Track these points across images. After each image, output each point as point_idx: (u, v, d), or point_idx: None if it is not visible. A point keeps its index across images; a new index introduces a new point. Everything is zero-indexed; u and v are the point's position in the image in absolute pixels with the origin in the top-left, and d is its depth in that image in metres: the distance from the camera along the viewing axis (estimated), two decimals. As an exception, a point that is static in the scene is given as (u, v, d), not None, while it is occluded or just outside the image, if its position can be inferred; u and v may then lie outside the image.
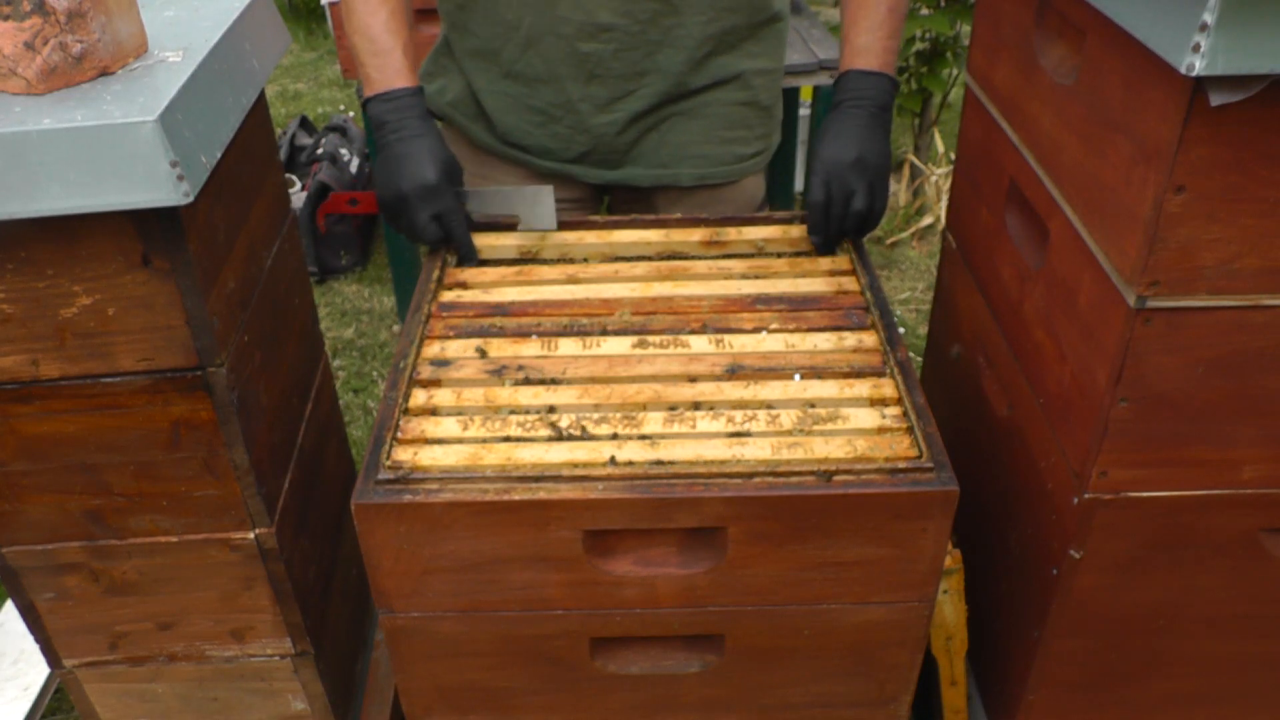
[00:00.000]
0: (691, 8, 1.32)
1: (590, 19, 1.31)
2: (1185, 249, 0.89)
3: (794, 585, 1.04)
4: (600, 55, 1.34)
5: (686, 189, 1.47)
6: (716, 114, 1.43)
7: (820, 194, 1.26)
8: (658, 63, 1.36)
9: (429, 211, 1.25)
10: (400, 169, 1.24)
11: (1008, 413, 1.25)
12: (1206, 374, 0.96)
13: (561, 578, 1.03)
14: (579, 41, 1.33)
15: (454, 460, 1.00)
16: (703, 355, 1.14)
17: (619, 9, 1.30)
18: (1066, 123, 1.04)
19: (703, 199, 1.48)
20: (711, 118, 1.43)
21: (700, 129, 1.43)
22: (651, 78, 1.37)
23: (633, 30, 1.32)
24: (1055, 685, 1.22)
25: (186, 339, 1.02)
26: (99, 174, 0.89)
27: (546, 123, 1.41)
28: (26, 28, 0.92)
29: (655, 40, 1.34)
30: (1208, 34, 0.77)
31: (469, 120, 1.47)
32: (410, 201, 1.25)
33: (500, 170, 1.49)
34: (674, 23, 1.33)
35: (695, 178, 1.46)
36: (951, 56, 3.38)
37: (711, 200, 1.49)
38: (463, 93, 1.46)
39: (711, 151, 1.45)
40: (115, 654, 1.27)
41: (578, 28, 1.32)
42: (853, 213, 1.26)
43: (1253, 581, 1.11)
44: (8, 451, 1.08)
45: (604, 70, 1.35)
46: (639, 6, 1.31)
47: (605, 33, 1.32)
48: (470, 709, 1.16)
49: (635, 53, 1.34)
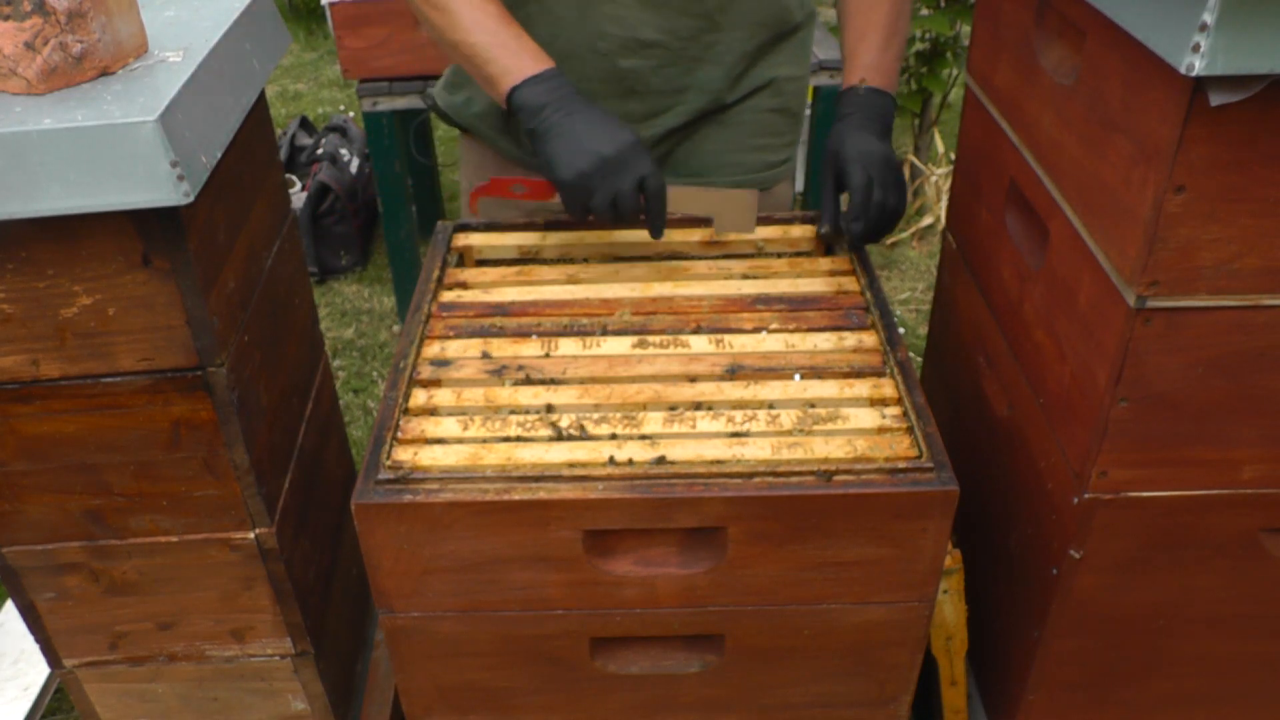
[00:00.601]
0: (732, 23, 1.32)
1: (632, 35, 1.30)
2: (1185, 249, 0.90)
3: (794, 585, 1.04)
4: (640, 71, 1.33)
5: None
6: (748, 122, 1.42)
7: (861, 178, 1.21)
8: (697, 79, 1.35)
9: (635, 175, 1.15)
10: (592, 135, 1.15)
11: (1008, 413, 1.25)
12: (1206, 374, 0.96)
13: (561, 578, 1.03)
14: (619, 58, 1.31)
15: (454, 460, 1.00)
16: (703, 355, 1.14)
17: (662, 25, 1.29)
18: (1066, 123, 1.04)
19: None
20: (744, 125, 1.42)
21: (733, 138, 1.43)
22: (691, 94, 1.36)
23: (674, 47, 1.31)
24: (1055, 685, 1.22)
25: (186, 339, 1.02)
26: (99, 174, 0.89)
27: None
28: (27, 28, 0.92)
29: (695, 56, 1.33)
30: (1207, 34, 0.77)
31: (496, 134, 1.45)
32: (612, 164, 1.14)
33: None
34: (714, 39, 1.32)
35: (729, 185, 1.44)
36: (951, 57, 3.38)
37: None
38: (490, 105, 1.42)
39: (744, 159, 1.45)
40: (115, 654, 1.27)
41: (619, 44, 1.31)
42: (887, 206, 1.23)
43: (1253, 581, 1.11)
44: (8, 451, 1.08)
45: (642, 86, 1.34)
46: (681, 23, 1.30)
47: (647, 49, 1.31)
48: (470, 709, 1.16)
49: (675, 69, 1.33)
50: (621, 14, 1.29)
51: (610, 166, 1.14)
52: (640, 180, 1.16)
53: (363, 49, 2.50)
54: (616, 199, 1.16)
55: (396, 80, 2.55)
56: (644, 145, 1.18)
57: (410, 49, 2.50)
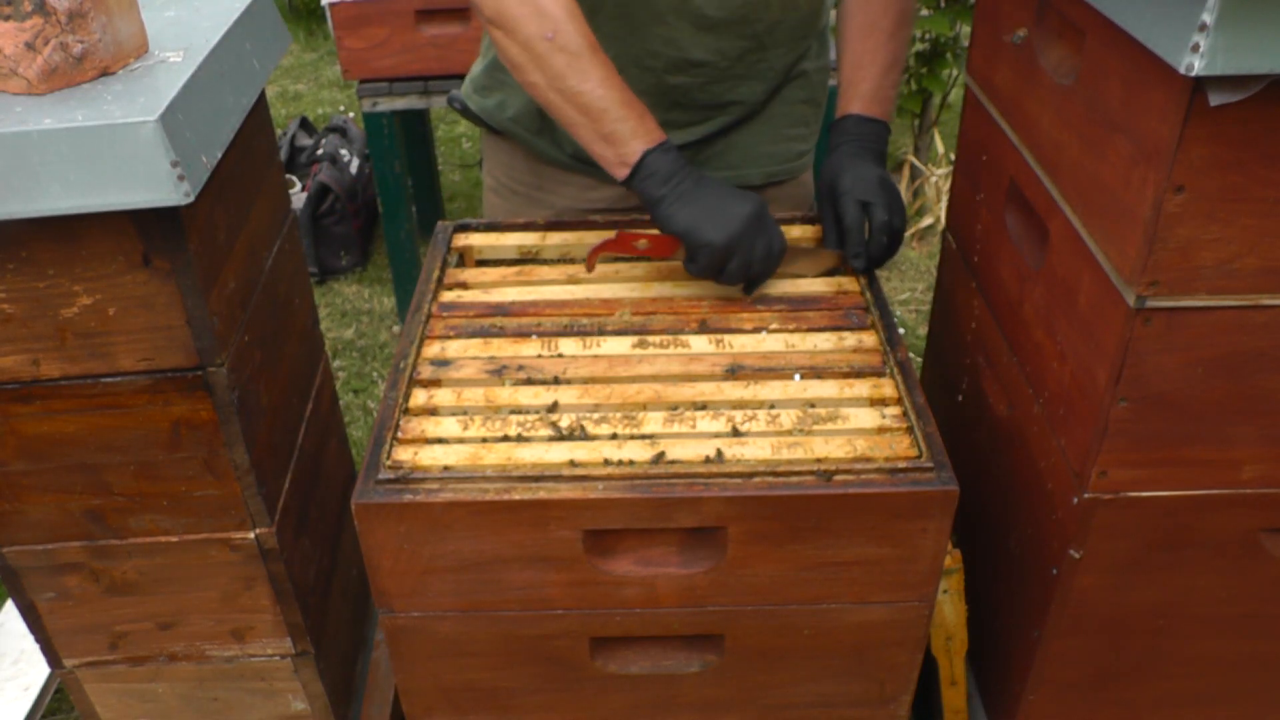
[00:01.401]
0: (776, 43, 1.34)
1: (682, 55, 1.31)
2: (1185, 249, 0.90)
3: (794, 585, 1.04)
4: (687, 88, 1.35)
5: (757, 188, 1.47)
6: (780, 114, 1.45)
7: (854, 213, 1.24)
8: (740, 94, 1.38)
9: (768, 240, 1.18)
10: (730, 204, 1.17)
11: (1008, 413, 1.25)
12: (1206, 374, 0.96)
13: (561, 577, 1.03)
14: (667, 75, 1.33)
15: (454, 460, 1.00)
16: (703, 355, 1.14)
17: (711, 47, 1.31)
18: (1066, 123, 1.05)
19: (770, 196, 1.49)
20: (776, 118, 1.45)
21: (766, 130, 1.45)
22: (733, 108, 1.39)
23: (721, 66, 1.33)
24: (1055, 685, 1.22)
25: (187, 339, 1.02)
26: (100, 174, 0.89)
27: None
28: (27, 28, 0.92)
29: (740, 75, 1.35)
30: (1207, 34, 0.77)
31: (532, 135, 1.45)
32: (754, 229, 1.17)
33: (560, 182, 1.48)
34: (760, 57, 1.35)
35: (764, 176, 1.47)
36: (951, 57, 3.38)
37: (777, 196, 1.50)
38: (525, 107, 1.42)
39: (776, 150, 1.47)
40: (115, 654, 1.27)
41: (667, 63, 1.32)
42: (892, 229, 1.24)
43: (1252, 581, 1.11)
44: (8, 451, 1.08)
45: (687, 100, 1.36)
46: (730, 45, 1.31)
47: (695, 68, 1.33)
48: (470, 709, 1.16)
49: (720, 86, 1.35)
50: (674, 36, 1.30)
51: (753, 231, 1.17)
52: (769, 243, 1.18)
53: (363, 49, 2.50)
54: (752, 261, 1.18)
55: (396, 81, 2.56)
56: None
57: (410, 49, 2.50)
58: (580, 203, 1.49)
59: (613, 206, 1.48)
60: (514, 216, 1.51)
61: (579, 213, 1.48)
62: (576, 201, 1.49)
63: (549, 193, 1.49)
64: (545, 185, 1.49)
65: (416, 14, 2.43)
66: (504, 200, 1.55)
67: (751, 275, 1.19)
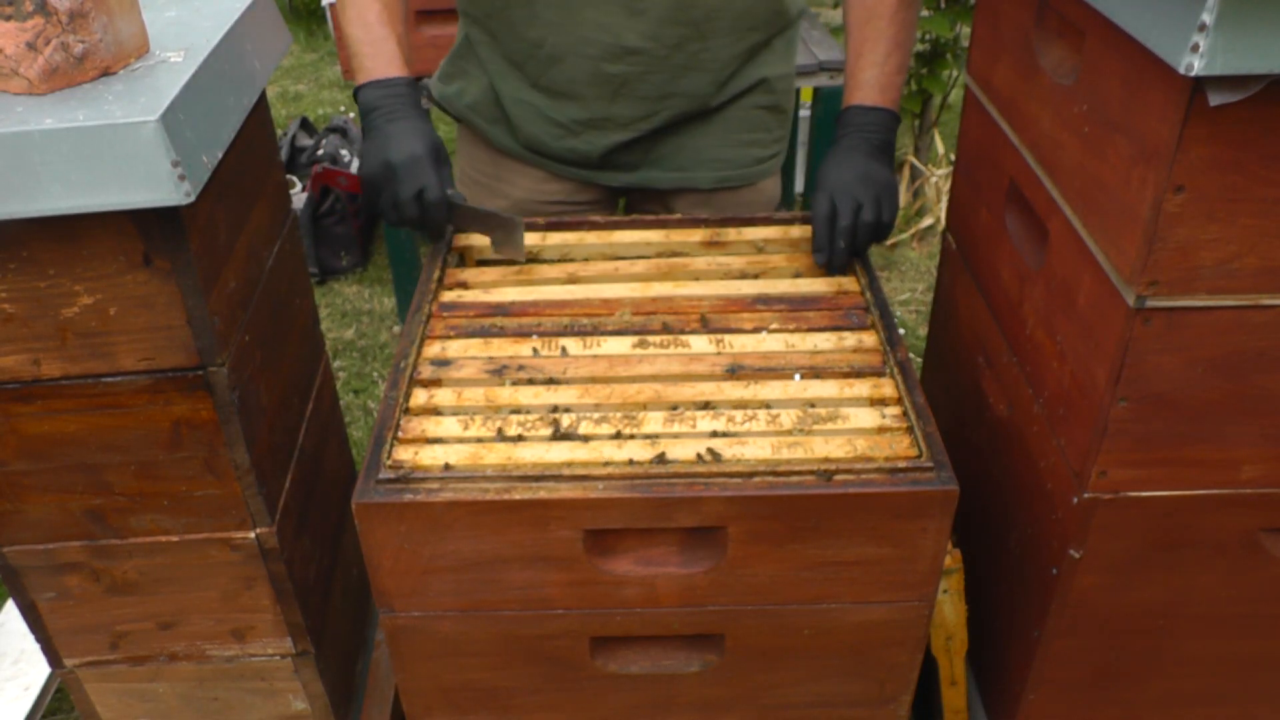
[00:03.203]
0: (717, 31, 1.32)
1: (617, 41, 1.31)
2: (1184, 249, 0.90)
3: (794, 585, 1.04)
4: (626, 77, 1.34)
5: (706, 191, 1.47)
6: (736, 118, 1.43)
7: (825, 207, 1.23)
8: (683, 86, 1.36)
9: (414, 186, 1.22)
10: (389, 143, 1.23)
11: (1007, 413, 1.25)
12: (1206, 374, 0.97)
13: (562, 577, 1.03)
14: (604, 63, 1.33)
15: (455, 460, 1.01)
16: (703, 355, 1.14)
17: (646, 33, 1.30)
18: (1066, 123, 1.05)
19: (722, 201, 1.48)
20: (731, 121, 1.43)
21: (719, 133, 1.43)
22: (676, 100, 1.37)
23: (659, 54, 1.32)
24: (1055, 685, 1.22)
25: (187, 339, 1.02)
26: (100, 174, 0.89)
27: (566, 136, 1.41)
28: (29, 28, 0.92)
29: (681, 64, 1.34)
30: (1206, 34, 0.77)
31: (488, 123, 1.47)
32: (397, 172, 1.22)
33: (517, 173, 1.49)
34: (700, 47, 1.33)
35: (714, 180, 1.46)
36: (951, 58, 3.38)
37: (730, 203, 1.49)
38: (483, 95, 1.46)
39: (730, 155, 1.45)
40: (116, 654, 1.27)
41: (603, 49, 1.32)
42: (862, 224, 1.23)
43: (1252, 581, 1.11)
44: (9, 451, 1.08)
45: (629, 91, 1.36)
46: (666, 31, 1.31)
47: (631, 56, 1.32)
48: (470, 709, 1.16)
49: (661, 75, 1.34)
50: (606, 21, 1.30)
51: (394, 174, 1.22)
52: (419, 191, 1.22)
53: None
54: (397, 203, 1.23)
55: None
56: (434, 162, 1.24)
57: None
58: (536, 195, 1.50)
59: (567, 199, 1.50)
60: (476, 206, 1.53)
61: (535, 204, 1.50)
62: (532, 194, 1.50)
63: (506, 184, 1.50)
64: (503, 176, 1.51)
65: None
66: (467, 190, 1.56)
67: (404, 217, 1.24)
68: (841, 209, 1.23)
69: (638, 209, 1.54)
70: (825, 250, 1.25)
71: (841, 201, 1.23)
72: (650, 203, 1.51)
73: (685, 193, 1.47)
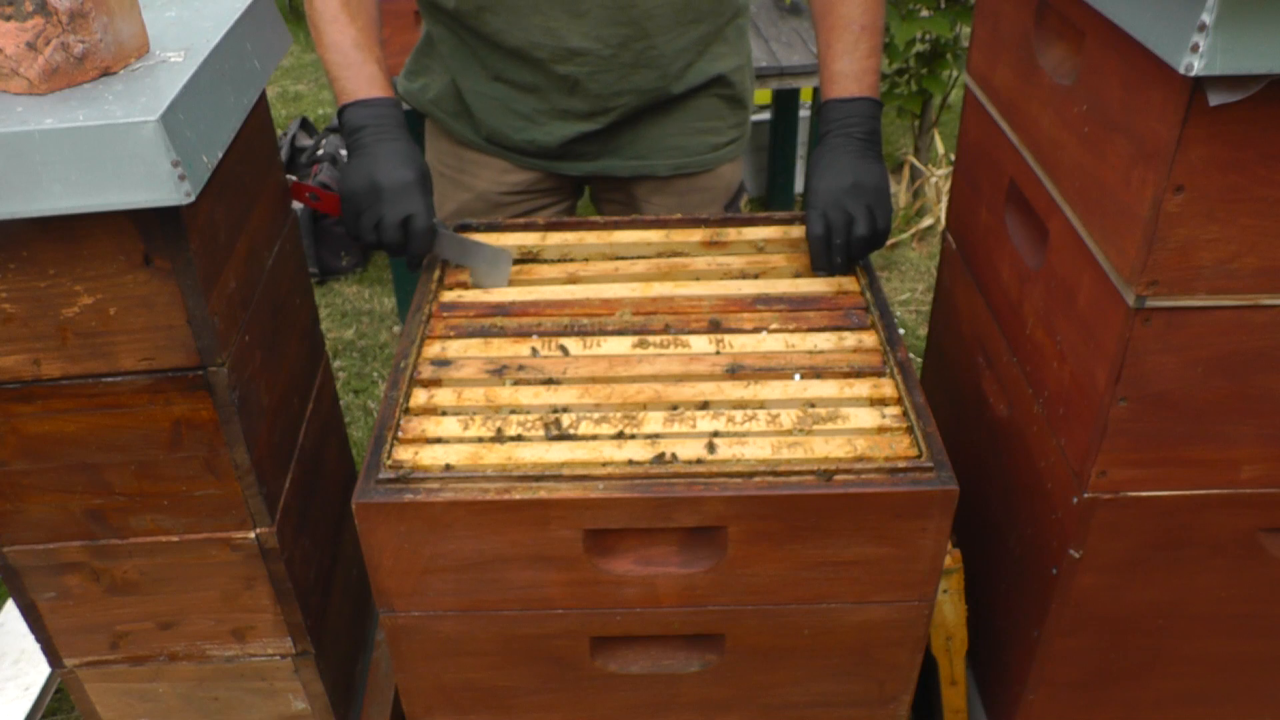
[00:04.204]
0: (660, 29, 1.34)
1: (561, 44, 1.33)
2: (1184, 249, 0.90)
3: (794, 584, 1.04)
4: (576, 77, 1.36)
5: (664, 178, 1.50)
6: (692, 108, 1.46)
7: (819, 227, 1.23)
8: (634, 83, 1.38)
9: (401, 211, 1.21)
10: (377, 165, 1.22)
11: (1007, 413, 1.25)
12: (1206, 373, 0.97)
13: (562, 577, 1.03)
14: (554, 65, 1.35)
15: (455, 459, 1.01)
16: (703, 355, 1.14)
17: (589, 34, 1.32)
18: (1066, 123, 1.05)
19: (680, 187, 1.51)
20: (687, 111, 1.46)
21: (675, 122, 1.46)
22: (629, 96, 1.39)
23: (605, 54, 1.34)
24: (1055, 684, 1.22)
25: (188, 338, 1.02)
26: (101, 174, 0.89)
27: (528, 127, 1.44)
28: (29, 28, 0.92)
29: (629, 63, 1.36)
30: (1206, 34, 0.77)
31: (450, 117, 1.50)
32: (384, 195, 1.21)
33: (480, 164, 1.52)
34: (644, 45, 1.34)
35: (671, 168, 1.49)
36: (951, 58, 3.38)
37: (690, 189, 1.52)
38: (445, 90, 1.48)
39: (686, 142, 1.48)
40: (116, 653, 1.27)
41: (550, 52, 1.34)
42: (856, 239, 1.23)
43: (1251, 581, 1.11)
44: (9, 451, 1.08)
45: (581, 90, 1.38)
46: (608, 31, 1.32)
47: (578, 57, 1.34)
48: (471, 708, 1.16)
49: (610, 75, 1.36)
50: (551, 25, 1.32)
51: (380, 196, 1.21)
52: (406, 218, 1.21)
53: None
54: (380, 226, 1.22)
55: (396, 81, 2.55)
56: (421, 187, 1.23)
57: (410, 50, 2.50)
58: (497, 185, 1.52)
59: (530, 189, 1.52)
60: (440, 199, 1.54)
61: (497, 195, 1.52)
62: (494, 185, 1.52)
63: (469, 175, 1.53)
64: (466, 168, 1.53)
65: (416, 15, 2.43)
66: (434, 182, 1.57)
67: (385, 241, 1.22)
68: (835, 226, 1.23)
69: (600, 197, 1.58)
70: (824, 269, 1.27)
71: (834, 217, 1.23)
72: (612, 190, 1.55)
73: (644, 180, 1.50)
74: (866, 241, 1.23)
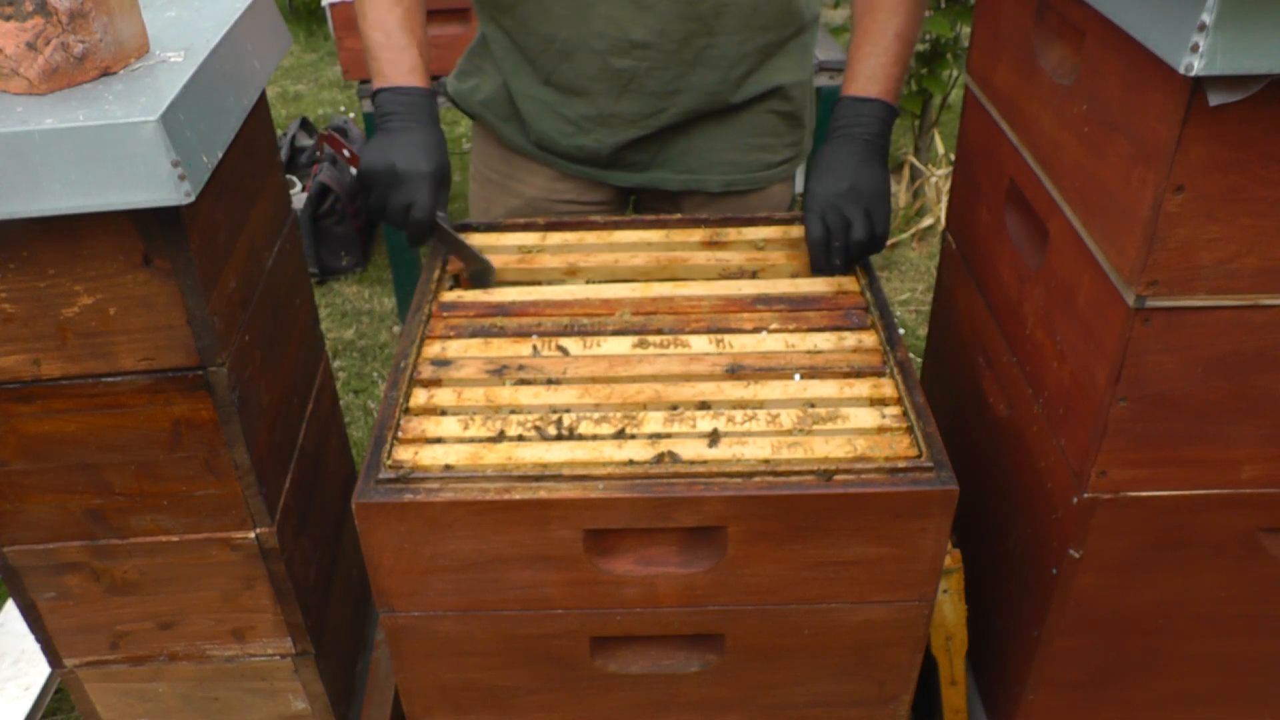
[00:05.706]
0: (726, 29, 1.32)
1: (624, 35, 1.31)
2: (1184, 249, 0.90)
3: (794, 584, 1.04)
4: (634, 71, 1.34)
5: (714, 195, 1.47)
6: (749, 122, 1.43)
7: (818, 230, 1.24)
8: (691, 82, 1.36)
9: (406, 198, 1.23)
10: (397, 149, 1.23)
11: (1007, 413, 1.25)
12: (1206, 374, 0.97)
13: (562, 577, 1.03)
14: (613, 57, 1.33)
15: (455, 459, 1.01)
16: (703, 355, 1.14)
17: (653, 27, 1.31)
18: (1066, 123, 1.05)
19: (730, 204, 1.48)
20: (742, 125, 1.43)
21: (729, 136, 1.43)
22: (685, 96, 1.37)
23: (667, 49, 1.32)
24: (1055, 685, 1.22)
25: (187, 338, 1.02)
26: (100, 173, 0.89)
27: (576, 134, 1.42)
28: (29, 28, 0.92)
29: (689, 60, 1.34)
30: (1206, 34, 0.77)
31: (500, 120, 1.48)
32: (396, 178, 1.22)
33: (529, 171, 1.49)
34: (707, 43, 1.33)
35: (722, 184, 1.46)
36: (951, 58, 3.38)
37: (739, 206, 1.49)
38: (496, 93, 1.46)
39: (740, 159, 1.45)
40: (116, 653, 1.28)
41: (611, 43, 1.32)
42: (853, 242, 1.23)
43: (1252, 581, 1.11)
44: (9, 451, 1.08)
45: (636, 87, 1.36)
46: (673, 26, 1.31)
47: (639, 49, 1.32)
48: (471, 708, 1.16)
49: (668, 71, 1.34)
50: (615, 14, 1.30)
51: (390, 180, 1.23)
52: (408, 206, 1.23)
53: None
54: (385, 208, 1.25)
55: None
56: (435, 180, 1.24)
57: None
58: (548, 193, 1.50)
59: (578, 199, 1.50)
60: (487, 204, 1.54)
61: (546, 203, 1.50)
62: (544, 192, 1.50)
63: (519, 182, 1.51)
64: (515, 174, 1.51)
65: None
66: (480, 187, 1.57)
67: (388, 220, 1.26)
68: (833, 230, 1.23)
69: (648, 210, 1.54)
70: (823, 272, 1.27)
71: (832, 221, 1.23)
72: (660, 203, 1.51)
73: (694, 195, 1.48)
74: (864, 246, 1.24)
